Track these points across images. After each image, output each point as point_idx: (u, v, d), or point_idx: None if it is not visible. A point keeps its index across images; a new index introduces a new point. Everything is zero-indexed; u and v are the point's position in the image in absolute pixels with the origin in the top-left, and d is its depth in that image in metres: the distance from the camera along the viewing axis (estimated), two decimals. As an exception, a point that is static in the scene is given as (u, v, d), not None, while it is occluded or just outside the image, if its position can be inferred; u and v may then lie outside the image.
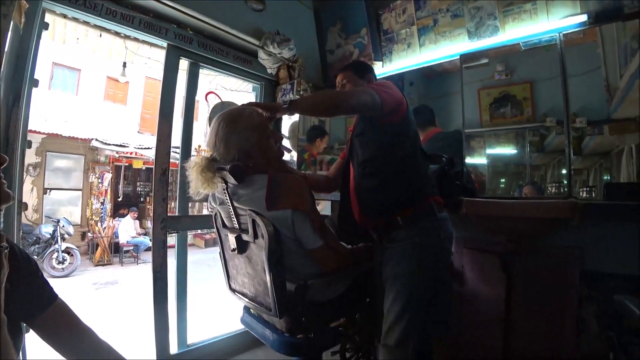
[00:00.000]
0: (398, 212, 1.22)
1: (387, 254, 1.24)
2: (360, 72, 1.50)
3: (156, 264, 1.88)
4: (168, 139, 1.94)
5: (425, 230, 1.20)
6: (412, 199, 1.23)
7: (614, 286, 1.46)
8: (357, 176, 1.34)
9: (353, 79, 1.48)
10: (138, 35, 1.99)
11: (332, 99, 1.22)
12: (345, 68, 1.57)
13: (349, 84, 1.47)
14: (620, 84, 2.18)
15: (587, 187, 2.28)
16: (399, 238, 1.21)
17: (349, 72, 1.50)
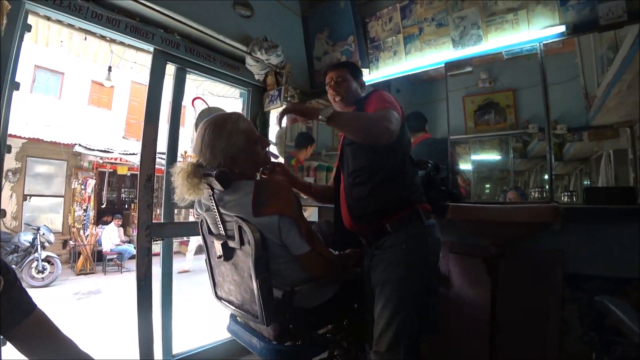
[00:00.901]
0: (386, 220, 1.22)
1: (376, 260, 1.24)
2: (355, 73, 1.47)
3: (140, 273, 1.83)
4: (153, 145, 1.91)
5: (413, 236, 1.20)
6: (400, 206, 1.23)
7: (595, 287, 1.50)
8: (347, 185, 1.33)
9: (348, 78, 1.43)
10: (124, 40, 1.97)
11: (377, 125, 1.11)
12: (339, 66, 1.51)
13: (344, 83, 1.42)
14: (598, 92, 2.26)
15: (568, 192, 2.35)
16: (387, 244, 1.21)
17: (345, 71, 1.45)
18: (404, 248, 1.18)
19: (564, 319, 1.55)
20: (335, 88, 1.43)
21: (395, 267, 1.17)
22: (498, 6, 1.89)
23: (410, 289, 1.16)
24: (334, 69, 1.48)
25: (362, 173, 1.28)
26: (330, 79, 1.45)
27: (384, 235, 1.22)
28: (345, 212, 1.34)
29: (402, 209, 1.23)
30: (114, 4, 1.78)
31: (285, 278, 1.11)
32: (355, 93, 1.44)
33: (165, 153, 2.09)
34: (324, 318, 1.25)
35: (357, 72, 1.49)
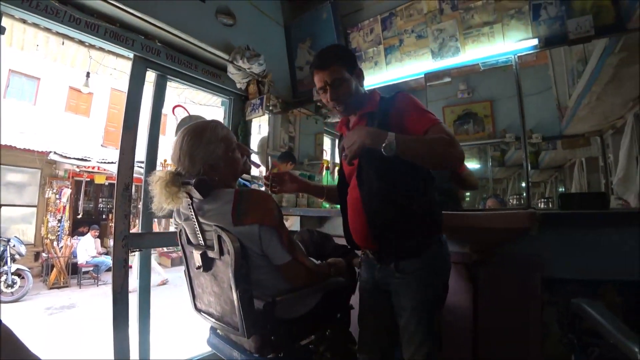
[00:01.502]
0: (414, 245, 1.14)
1: (398, 284, 1.16)
2: (351, 66, 1.18)
3: (116, 285, 1.77)
4: (132, 153, 1.86)
5: (435, 257, 1.16)
6: (430, 232, 1.17)
7: (571, 291, 1.53)
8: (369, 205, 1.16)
9: (346, 77, 1.15)
10: (103, 45, 1.93)
11: (454, 152, 1.01)
12: (328, 61, 1.15)
13: (344, 84, 1.15)
14: (570, 103, 2.37)
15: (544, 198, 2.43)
16: (410, 269, 1.14)
17: (337, 68, 1.14)
18: (429, 271, 1.14)
19: (544, 323, 1.58)
20: (334, 95, 1.16)
21: (423, 290, 1.13)
22: (474, 20, 1.96)
23: (435, 309, 1.15)
24: (323, 67, 1.15)
25: (392, 196, 1.13)
26: (323, 82, 1.16)
27: (406, 258, 1.15)
28: (361, 229, 1.20)
29: (431, 236, 1.17)
30: (93, 9, 1.74)
31: (266, 288, 1.09)
32: (358, 93, 1.20)
33: (144, 161, 2.04)
34: (306, 329, 1.23)
35: (352, 61, 1.20)
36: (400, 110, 1.13)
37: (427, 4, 2.11)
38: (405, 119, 1.10)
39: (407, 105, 1.13)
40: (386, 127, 1.07)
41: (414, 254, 1.14)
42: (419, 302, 1.12)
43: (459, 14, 2.01)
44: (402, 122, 1.10)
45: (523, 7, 1.83)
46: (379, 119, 1.15)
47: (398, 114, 1.12)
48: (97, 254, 6.73)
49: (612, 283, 1.47)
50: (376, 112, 1.18)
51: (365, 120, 1.21)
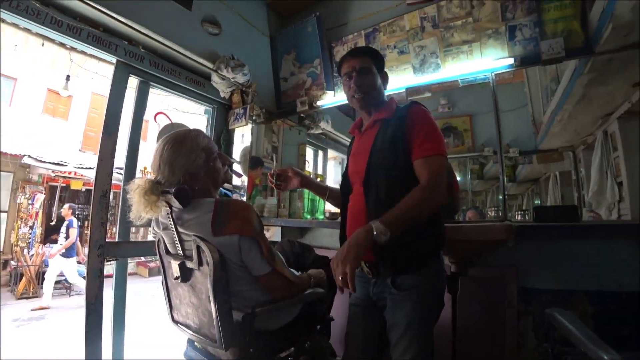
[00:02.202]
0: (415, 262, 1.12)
1: (394, 300, 1.14)
2: (380, 64, 1.25)
3: (90, 295, 1.70)
4: (111, 159, 1.82)
5: (433, 274, 1.15)
6: (434, 250, 1.16)
7: (546, 300, 1.58)
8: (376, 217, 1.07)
9: (373, 71, 1.22)
10: (85, 49, 1.89)
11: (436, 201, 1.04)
12: (360, 52, 1.25)
13: (370, 76, 1.21)
14: (544, 119, 2.49)
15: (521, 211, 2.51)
16: (408, 285, 1.12)
17: (369, 60, 1.22)
18: (427, 287, 1.12)
19: (520, 332, 1.61)
20: (358, 81, 1.20)
21: (420, 307, 1.11)
22: (454, 38, 2.04)
23: (430, 325, 1.14)
24: (355, 55, 1.22)
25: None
26: (351, 68, 1.21)
27: (404, 273, 1.13)
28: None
29: (432, 252, 1.16)
30: (76, 12, 1.71)
31: (245, 300, 1.08)
32: (380, 92, 1.24)
33: (124, 168, 2.00)
34: (286, 340, 1.21)
35: (381, 63, 1.26)
36: (411, 122, 1.12)
37: (410, 21, 2.18)
38: (411, 133, 1.11)
39: (418, 123, 1.12)
40: (399, 136, 1.11)
41: (412, 269, 1.12)
42: (414, 319, 1.09)
43: (439, 32, 2.09)
44: (407, 136, 1.11)
45: (500, 28, 1.92)
46: (393, 127, 1.15)
47: (406, 127, 1.12)
48: (70, 262, 6.45)
49: (583, 293, 1.52)
50: (391, 119, 1.18)
51: (379, 126, 1.21)
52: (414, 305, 1.10)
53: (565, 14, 1.76)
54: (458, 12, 2.03)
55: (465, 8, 2.01)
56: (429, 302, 1.12)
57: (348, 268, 0.93)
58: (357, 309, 1.27)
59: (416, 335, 1.08)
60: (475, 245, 1.58)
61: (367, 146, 1.20)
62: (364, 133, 1.28)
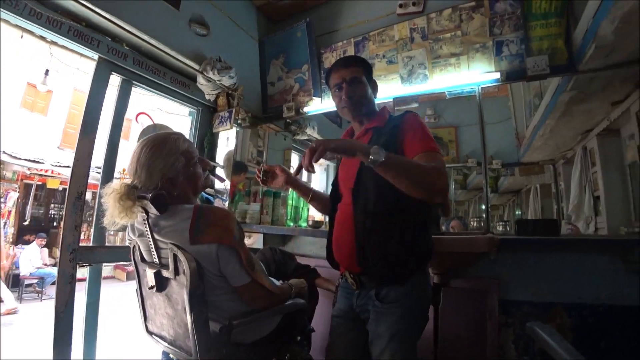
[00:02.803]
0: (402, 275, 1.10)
1: (378, 313, 1.12)
2: (369, 73, 1.25)
3: (60, 302, 1.62)
4: (88, 159, 1.75)
5: (417, 286, 1.13)
6: (421, 263, 1.15)
7: (526, 312, 1.60)
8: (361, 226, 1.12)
9: (364, 80, 1.20)
10: (66, 43, 1.81)
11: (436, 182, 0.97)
12: (350, 62, 1.23)
13: (360, 85, 1.19)
14: (527, 133, 2.55)
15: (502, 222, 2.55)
16: (392, 298, 1.10)
17: (358, 70, 1.20)
18: (411, 300, 1.10)
19: (501, 344, 1.62)
20: (350, 92, 1.18)
21: (403, 320, 1.09)
22: (443, 50, 2.07)
23: (413, 339, 1.12)
24: (344, 65, 1.21)
25: (388, 221, 1.09)
26: (341, 79, 1.20)
27: (388, 285, 1.11)
28: (347, 248, 1.16)
29: (419, 265, 1.14)
30: (57, 4, 1.65)
31: (223, 311, 1.04)
32: (371, 101, 1.23)
33: (102, 168, 1.92)
34: (265, 353, 1.17)
35: (370, 72, 1.26)
36: (405, 128, 1.12)
37: (399, 31, 2.20)
38: (404, 137, 1.09)
39: (412, 125, 1.12)
40: (392, 144, 1.09)
41: (397, 282, 1.10)
42: (397, 332, 1.07)
43: (428, 44, 2.11)
44: (402, 140, 1.09)
45: (487, 43, 1.96)
46: (386, 136, 1.13)
47: (401, 132, 1.11)
48: (42, 265, 6.19)
49: (562, 305, 1.54)
50: (383, 128, 1.17)
51: (371, 134, 1.19)
52: (397, 319, 1.08)
53: (550, 32, 1.81)
54: (447, 25, 2.06)
55: (454, 21, 2.04)
56: (413, 316, 1.11)
57: (322, 146, 0.90)
58: (340, 320, 1.24)
59: (399, 349, 1.06)
60: (458, 257, 1.59)
61: None
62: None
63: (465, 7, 2.01)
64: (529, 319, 1.45)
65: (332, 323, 1.27)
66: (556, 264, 1.58)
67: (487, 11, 1.95)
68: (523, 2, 1.86)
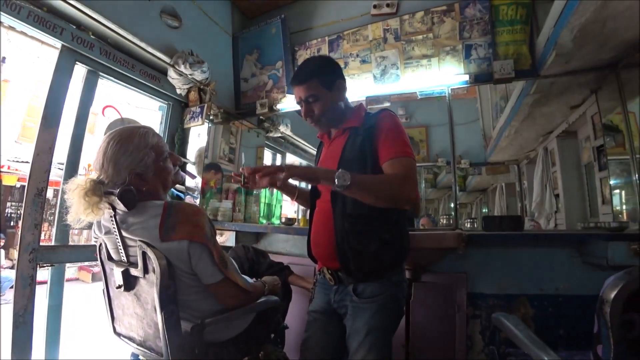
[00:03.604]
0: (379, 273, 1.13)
1: (355, 308, 1.14)
2: (328, 81, 1.17)
3: (19, 306, 1.53)
4: (49, 154, 1.65)
5: (395, 283, 1.16)
6: (397, 261, 1.18)
7: (492, 304, 1.68)
8: (340, 226, 1.13)
9: (321, 94, 1.16)
10: (25, 29, 1.70)
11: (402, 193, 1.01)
12: (304, 79, 1.17)
13: (318, 103, 1.17)
14: (493, 134, 2.67)
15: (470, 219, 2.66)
16: (369, 293, 1.12)
17: (313, 84, 1.15)
18: (387, 296, 1.12)
19: (469, 335, 1.69)
20: (307, 112, 1.19)
21: (380, 315, 1.11)
22: (415, 51, 2.13)
23: (389, 333, 1.15)
24: (299, 83, 1.18)
25: (366, 221, 1.10)
26: (298, 98, 1.20)
27: (365, 282, 1.13)
28: (325, 244, 1.18)
29: (395, 262, 1.17)
30: (14, -14, 1.54)
31: (195, 310, 1.02)
32: (335, 109, 1.21)
33: (65, 164, 1.82)
34: (238, 351, 1.16)
35: (330, 78, 1.19)
36: (380, 129, 1.12)
37: (373, 32, 2.24)
38: (379, 139, 1.11)
39: (387, 127, 1.12)
40: (369, 144, 1.11)
41: (374, 278, 1.13)
42: (374, 327, 1.10)
43: (401, 45, 2.16)
44: (376, 141, 1.11)
45: (457, 46, 2.03)
46: (362, 136, 1.14)
47: (376, 133, 1.12)
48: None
49: (526, 296, 1.64)
50: (359, 127, 1.18)
51: (348, 134, 1.20)
52: (373, 314, 1.11)
53: (515, 38, 1.90)
54: (419, 27, 2.11)
55: (426, 24, 2.10)
56: (389, 311, 1.14)
57: (287, 173, 0.95)
58: (317, 315, 1.26)
59: (375, 343, 1.09)
60: (428, 252, 1.64)
61: (336, 154, 1.19)
62: (333, 141, 1.27)
63: (437, 10, 2.07)
64: (495, 311, 1.52)
65: (308, 318, 1.28)
66: (520, 258, 1.68)
67: (458, 15, 2.03)
68: (491, 8, 1.95)
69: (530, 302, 1.63)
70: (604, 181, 1.89)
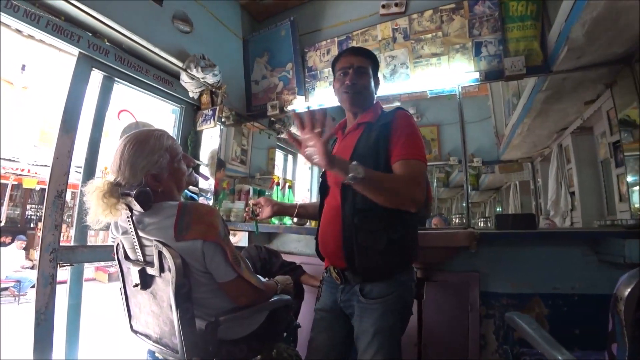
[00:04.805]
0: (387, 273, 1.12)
1: (362, 308, 1.14)
2: (376, 69, 1.26)
3: (40, 304, 1.57)
4: (68, 157, 1.71)
5: (403, 283, 1.15)
6: (406, 262, 1.17)
7: (506, 304, 1.66)
8: (349, 223, 1.12)
9: (369, 72, 1.22)
10: (44, 38, 1.76)
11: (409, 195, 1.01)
12: (362, 52, 1.24)
13: (365, 76, 1.20)
14: (506, 131, 2.63)
15: (484, 218, 2.62)
16: (376, 294, 1.12)
17: (367, 61, 1.22)
18: (395, 297, 1.12)
19: (482, 334, 1.68)
20: (354, 79, 1.19)
21: (387, 316, 1.11)
22: (424, 50, 2.12)
23: (397, 334, 1.14)
24: (355, 53, 1.22)
25: (375, 219, 1.09)
26: (349, 64, 1.21)
27: (372, 282, 1.13)
28: (333, 243, 1.18)
29: (403, 263, 1.16)
30: (35, -2, 1.60)
31: (209, 308, 1.04)
32: (371, 94, 1.24)
33: (82, 167, 1.88)
34: (251, 349, 1.18)
35: (377, 68, 1.27)
36: (394, 127, 1.13)
37: (382, 31, 2.24)
38: (392, 138, 1.11)
39: (399, 126, 1.13)
40: (382, 141, 1.11)
41: (380, 278, 1.12)
42: (382, 328, 1.09)
43: (410, 44, 2.16)
44: (389, 140, 1.11)
45: (467, 43, 2.01)
46: (376, 132, 1.15)
47: (389, 131, 1.12)
48: (21, 267, 5.99)
49: (540, 296, 1.61)
50: (375, 124, 1.18)
51: (362, 129, 1.21)
52: (381, 314, 1.10)
53: (526, 34, 1.87)
54: (428, 26, 2.10)
55: (435, 22, 2.09)
56: (397, 311, 1.13)
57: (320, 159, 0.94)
58: (323, 313, 1.26)
59: (383, 343, 1.09)
60: (440, 251, 1.63)
61: (349, 149, 1.19)
62: (347, 135, 1.27)
63: (445, 8, 2.06)
64: (509, 310, 1.51)
65: (315, 316, 1.29)
66: (533, 257, 1.65)
67: (467, 13, 2.01)
68: (501, 4, 1.92)
69: (545, 302, 1.60)
70: (621, 178, 1.85)
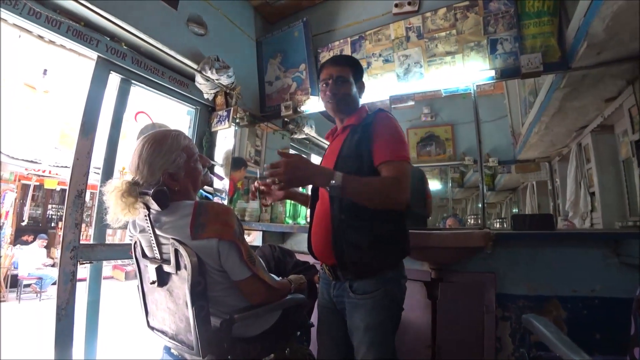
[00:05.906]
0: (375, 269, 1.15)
1: (352, 304, 1.17)
2: (358, 75, 1.29)
3: (61, 300, 1.62)
4: (87, 158, 1.76)
5: (391, 279, 1.17)
6: (394, 259, 1.19)
7: (522, 306, 1.63)
8: (337, 220, 1.17)
9: (350, 80, 1.26)
10: (64, 43, 1.83)
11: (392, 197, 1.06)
12: (341, 61, 1.29)
13: (346, 84, 1.24)
14: (522, 130, 2.57)
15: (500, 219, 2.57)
16: (364, 289, 1.15)
17: (348, 70, 1.26)
18: (383, 293, 1.13)
19: (498, 337, 1.65)
20: (334, 89, 1.24)
21: (376, 312, 1.13)
22: (438, 49, 2.09)
23: (389, 331, 1.15)
24: (334, 64, 1.27)
25: (362, 215, 1.12)
26: (329, 75, 1.26)
27: (361, 279, 1.16)
28: (323, 242, 1.22)
29: (391, 261, 1.18)
30: (56, 4, 1.66)
31: (224, 306, 1.06)
32: (354, 100, 1.28)
33: (101, 168, 1.93)
34: (265, 347, 1.19)
35: (360, 73, 1.31)
36: (375, 129, 1.16)
37: (395, 30, 2.22)
38: (373, 141, 1.14)
39: (383, 129, 1.16)
40: (365, 143, 1.15)
41: (369, 274, 1.15)
42: (371, 324, 1.12)
43: (423, 43, 2.13)
44: (371, 143, 1.14)
45: (482, 41, 1.98)
46: (359, 134, 1.19)
47: (371, 133, 1.16)
48: (42, 265, 6.19)
49: (558, 298, 1.57)
50: (358, 126, 1.23)
51: (348, 131, 1.26)
52: (369, 310, 1.13)
53: (543, 30, 1.83)
54: (442, 24, 2.08)
55: (449, 20, 2.06)
56: (385, 307, 1.15)
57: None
58: (324, 309, 1.31)
59: (374, 340, 1.11)
60: (454, 251, 1.62)
61: (335, 151, 1.24)
62: (335, 138, 1.33)
63: (459, 6, 2.03)
64: (525, 312, 1.47)
65: (318, 312, 1.34)
66: (551, 258, 1.61)
67: (481, 10, 1.98)
68: (516, 1, 1.88)
69: (563, 304, 1.57)
70: (644, 178, 1.78)
